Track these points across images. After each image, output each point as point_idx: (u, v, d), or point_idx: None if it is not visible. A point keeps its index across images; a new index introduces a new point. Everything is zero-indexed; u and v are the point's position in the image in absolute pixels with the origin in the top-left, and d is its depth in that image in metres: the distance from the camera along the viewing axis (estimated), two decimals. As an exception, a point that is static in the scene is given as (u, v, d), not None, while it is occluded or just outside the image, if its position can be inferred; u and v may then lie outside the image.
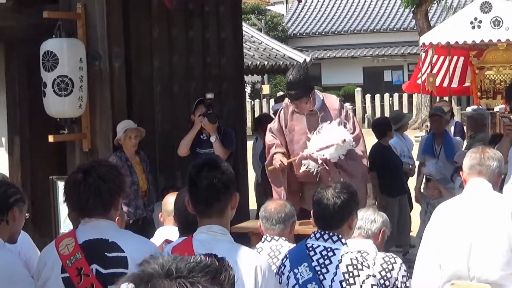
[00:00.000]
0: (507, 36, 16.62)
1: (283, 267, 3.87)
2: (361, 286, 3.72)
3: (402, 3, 25.86)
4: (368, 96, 32.26)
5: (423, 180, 8.85)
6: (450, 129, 10.40)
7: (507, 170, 5.59)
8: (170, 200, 4.61)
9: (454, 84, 19.07)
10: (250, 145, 9.81)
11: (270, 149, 6.77)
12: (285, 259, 3.93)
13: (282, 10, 42.28)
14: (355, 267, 3.75)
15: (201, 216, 3.31)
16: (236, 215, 3.56)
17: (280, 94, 18.37)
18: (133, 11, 7.72)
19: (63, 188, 3.54)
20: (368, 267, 3.80)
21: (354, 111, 31.11)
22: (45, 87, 6.60)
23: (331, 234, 3.84)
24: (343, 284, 3.72)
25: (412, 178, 9.43)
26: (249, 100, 30.30)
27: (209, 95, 7.63)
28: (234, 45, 9.23)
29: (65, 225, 6.40)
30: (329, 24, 39.14)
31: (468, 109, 13.29)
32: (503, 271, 4.21)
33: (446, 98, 17.87)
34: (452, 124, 10.79)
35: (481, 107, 14.07)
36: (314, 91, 6.63)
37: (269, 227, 4.49)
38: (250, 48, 15.81)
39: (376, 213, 4.62)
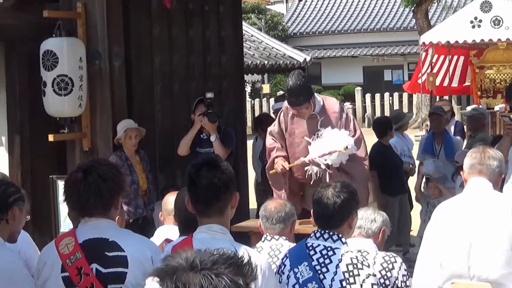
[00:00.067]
0: (507, 36, 16.60)
1: (283, 267, 3.87)
2: (361, 286, 3.72)
3: (402, 3, 25.85)
4: (368, 96, 32.25)
5: (423, 180, 8.84)
6: (450, 129, 10.39)
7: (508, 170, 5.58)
8: (170, 199, 4.61)
9: (454, 84, 19.06)
10: (250, 145, 9.80)
11: (271, 153, 6.74)
12: (285, 259, 3.92)
13: (282, 9, 42.27)
14: (355, 266, 3.75)
15: (201, 216, 3.31)
16: (236, 214, 3.56)
17: (280, 93, 18.36)
18: (133, 11, 7.72)
19: (63, 187, 3.54)
20: (368, 267, 3.79)
21: (354, 111, 31.13)
22: (45, 86, 6.59)
23: (331, 234, 3.83)
24: (343, 283, 3.72)
25: (413, 178, 9.42)
26: (249, 100, 30.30)
27: (209, 95, 7.62)
28: (234, 44, 9.23)
29: (65, 224, 6.40)
30: (329, 24, 39.13)
31: (468, 109, 13.28)
32: (503, 270, 4.21)
33: (446, 97, 17.87)
34: (452, 124, 10.78)
35: (481, 107, 14.06)
36: (314, 96, 6.60)
37: (269, 226, 4.49)
38: (250, 48, 15.80)
39: (376, 213, 4.62)
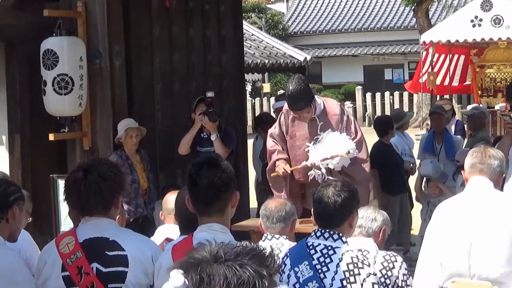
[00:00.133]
0: (508, 35, 16.61)
1: (284, 266, 3.86)
2: (362, 285, 3.72)
3: (403, 2, 25.84)
4: (369, 95, 32.24)
5: (424, 179, 8.83)
6: (451, 128, 10.39)
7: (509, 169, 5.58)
8: (171, 199, 4.61)
9: (455, 83, 19.07)
10: (251, 144, 9.79)
11: (272, 155, 6.71)
12: (286, 258, 3.92)
13: (283, 9, 42.25)
14: (356, 266, 3.75)
15: (201, 215, 3.30)
16: (237, 214, 3.55)
17: (281, 92, 18.34)
18: (134, 10, 7.72)
19: (64, 187, 3.53)
20: (369, 266, 3.79)
21: (355, 110, 31.13)
22: (45, 86, 6.59)
23: (332, 233, 3.83)
24: (344, 283, 3.72)
25: (413, 177, 9.42)
26: (250, 99, 30.30)
27: (210, 94, 7.62)
28: (235, 44, 9.22)
29: (66, 224, 6.40)
30: (330, 23, 39.12)
31: (468, 108, 13.27)
32: (504, 269, 4.21)
33: (447, 97, 17.87)
34: (453, 123, 10.78)
35: (481, 106, 14.05)
36: (315, 99, 6.54)
37: (270, 226, 4.49)
38: (251, 47, 15.80)
39: (377, 212, 4.62)
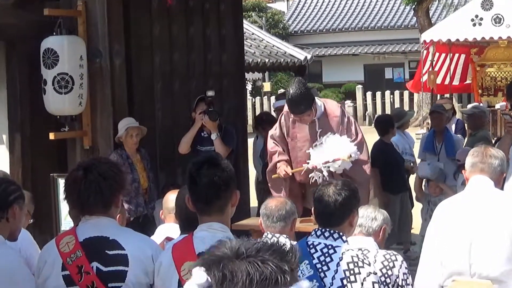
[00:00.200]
0: (508, 34, 16.59)
1: (284, 265, 3.86)
2: (362, 284, 3.72)
3: (403, 1, 25.86)
4: (369, 94, 32.24)
5: (423, 179, 8.82)
6: (452, 127, 10.38)
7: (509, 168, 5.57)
8: (171, 198, 4.61)
9: (456, 82, 19.06)
10: (251, 143, 9.79)
11: (273, 156, 6.68)
12: (286, 257, 3.91)
13: (283, 8, 42.25)
14: (356, 265, 3.75)
15: (201, 214, 3.30)
16: (237, 213, 3.55)
17: (281, 92, 18.34)
18: (134, 9, 7.72)
19: (64, 186, 3.53)
20: (369, 265, 3.79)
21: (355, 109, 31.15)
22: (45, 85, 6.58)
23: (332, 232, 3.83)
24: (344, 282, 3.71)
25: (414, 176, 9.41)
26: (250, 98, 30.31)
27: (210, 93, 7.61)
28: (235, 43, 9.22)
29: (66, 223, 6.39)
30: (330, 22, 39.12)
31: (469, 107, 13.26)
32: (504, 268, 4.21)
33: (447, 96, 17.86)
34: (454, 122, 10.78)
35: (482, 105, 14.04)
36: (315, 102, 6.49)
37: (270, 225, 4.49)
38: (251, 46, 15.79)
39: (377, 211, 4.62)
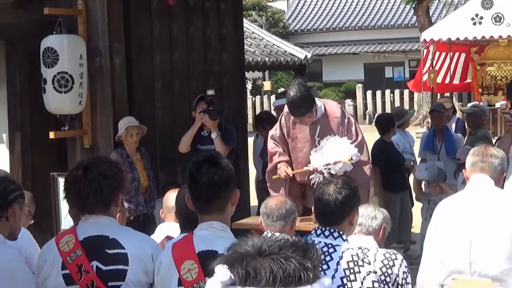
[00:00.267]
0: (508, 32, 16.62)
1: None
2: (362, 283, 3.71)
3: (403, 0, 25.84)
4: (369, 93, 32.24)
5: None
6: (452, 126, 10.38)
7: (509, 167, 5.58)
8: (171, 197, 4.61)
9: (456, 81, 19.07)
10: (251, 142, 9.79)
11: (273, 157, 6.67)
12: (286, 256, 3.91)
13: (283, 7, 42.24)
14: (356, 264, 3.75)
15: (201, 213, 3.30)
16: (237, 212, 3.55)
17: (281, 90, 18.34)
18: (134, 8, 7.71)
19: (63, 185, 3.53)
20: (369, 264, 3.79)
21: (355, 108, 31.14)
22: (45, 84, 6.59)
23: (332, 231, 3.82)
24: (344, 281, 3.71)
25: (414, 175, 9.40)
26: (250, 97, 30.30)
27: (210, 92, 7.61)
28: (235, 42, 9.22)
29: (66, 222, 6.39)
30: (330, 21, 39.12)
31: (469, 105, 13.27)
32: (504, 266, 4.22)
33: (447, 95, 17.87)
34: (454, 121, 10.78)
35: (481, 104, 14.05)
36: (315, 103, 6.47)
37: (270, 224, 4.49)
38: (251, 45, 15.78)
39: (377, 210, 4.62)
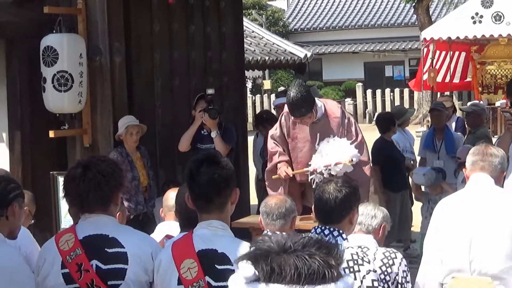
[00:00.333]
0: (508, 31, 16.62)
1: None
2: (362, 282, 3.72)
3: (403, -2, 25.86)
4: (369, 91, 32.24)
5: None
6: (452, 125, 10.37)
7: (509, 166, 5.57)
8: (171, 196, 4.61)
9: (456, 80, 19.08)
10: (251, 141, 9.79)
11: (273, 157, 6.66)
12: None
13: (283, 5, 42.24)
14: (356, 262, 3.75)
15: (201, 212, 3.30)
16: (237, 211, 3.55)
17: (281, 89, 18.34)
18: (134, 6, 7.71)
19: (63, 183, 3.53)
20: (369, 262, 3.79)
21: (355, 107, 31.15)
22: (45, 83, 6.58)
23: (332, 229, 3.82)
24: (344, 280, 3.71)
25: (413, 175, 9.40)
26: (250, 95, 30.31)
27: (210, 91, 7.61)
28: (235, 40, 9.22)
29: (66, 221, 6.39)
30: (330, 19, 39.12)
31: (468, 104, 13.26)
32: (504, 265, 4.22)
33: (447, 93, 17.87)
34: (454, 120, 10.77)
35: (481, 102, 14.04)
36: (316, 103, 6.44)
37: (270, 222, 4.49)
38: (251, 43, 15.78)
39: (377, 208, 4.61)
